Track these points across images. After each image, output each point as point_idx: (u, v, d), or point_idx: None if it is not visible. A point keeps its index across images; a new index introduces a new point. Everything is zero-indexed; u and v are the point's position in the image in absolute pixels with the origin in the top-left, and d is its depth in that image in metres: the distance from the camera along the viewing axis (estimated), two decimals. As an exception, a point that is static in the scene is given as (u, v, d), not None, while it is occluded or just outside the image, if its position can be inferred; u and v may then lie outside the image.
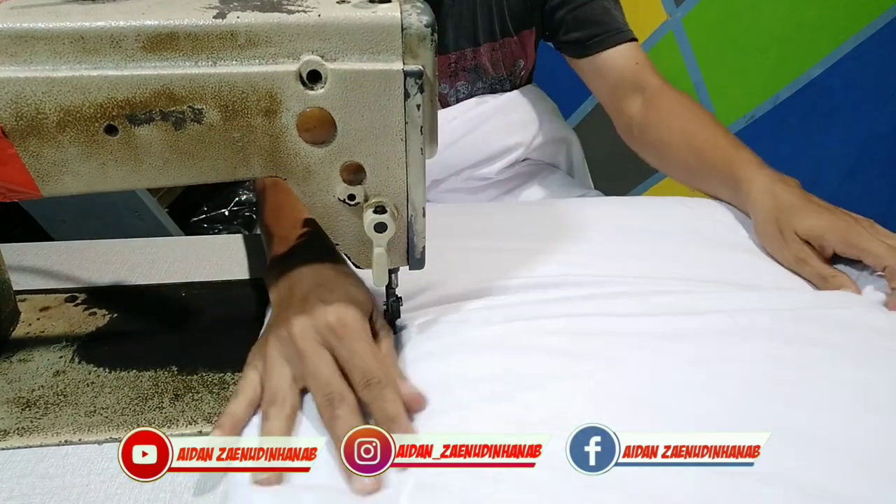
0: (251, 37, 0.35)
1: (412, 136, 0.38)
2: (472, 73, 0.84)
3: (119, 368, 0.48)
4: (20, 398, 0.45)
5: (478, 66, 0.84)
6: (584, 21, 0.80)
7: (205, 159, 0.37)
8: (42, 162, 0.35)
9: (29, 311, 0.54)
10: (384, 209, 0.39)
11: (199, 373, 0.48)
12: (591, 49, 0.80)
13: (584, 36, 0.80)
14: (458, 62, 0.83)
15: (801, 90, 1.57)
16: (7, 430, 0.43)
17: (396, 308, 0.48)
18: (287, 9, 0.35)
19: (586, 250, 0.60)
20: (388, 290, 0.47)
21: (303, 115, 0.36)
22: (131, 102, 0.35)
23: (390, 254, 0.42)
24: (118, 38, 0.34)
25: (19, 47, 0.33)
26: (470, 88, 0.85)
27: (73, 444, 0.43)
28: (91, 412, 0.44)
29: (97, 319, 0.54)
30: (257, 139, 0.37)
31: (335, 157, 0.38)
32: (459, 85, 0.85)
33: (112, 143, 0.36)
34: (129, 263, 0.62)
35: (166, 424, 0.44)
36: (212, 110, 0.36)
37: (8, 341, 0.51)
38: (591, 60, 0.81)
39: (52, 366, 0.48)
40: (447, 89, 0.84)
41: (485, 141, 0.85)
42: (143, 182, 0.37)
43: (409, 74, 0.36)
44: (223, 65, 0.35)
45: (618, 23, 0.80)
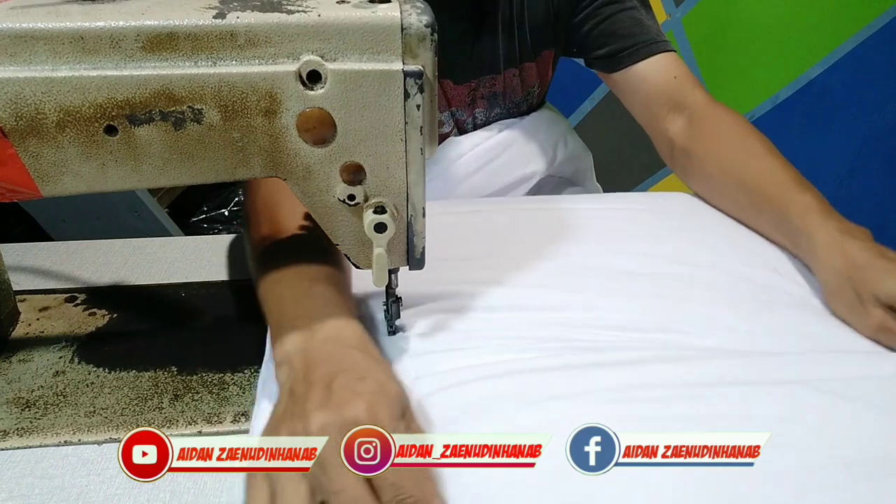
0: (251, 37, 0.34)
1: (412, 137, 0.38)
2: (489, 100, 0.81)
3: (119, 369, 0.48)
4: (20, 398, 0.45)
5: (495, 92, 0.81)
6: (613, 34, 0.74)
7: (204, 159, 0.37)
8: (42, 162, 0.35)
9: (29, 312, 0.54)
10: (384, 209, 0.39)
11: (198, 373, 0.48)
12: (621, 63, 0.74)
13: (614, 50, 0.74)
14: (476, 89, 0.80)
15: (801, 90, 1.57)
16: (7, 431, 0.43)
17: (396, 309, 0.48)
18: (287, 9, 0.35)
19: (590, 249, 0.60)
20: (388, 291, 0.47)
21: (303, 115, 0.36)
22: (131, 102, 0.35)
23: (390, 254, 0.42)
24: (118, 38, 0.33)
25: (19, 47, 0.33)
26: (487, 114, 0.82)
27: (73, 445, 0.43)
28: (91, 412, 0.44)
29: (97, 319, 0.54)
30: (257, 139, 0.37)
31: (335, 158, 0.38)
32: (477, 111, 0.82)
33: (112, 144, 0.36)
34: (129, 263, 0.62)
35: (166, 424, 0.44)
36: (211, 110, 0.36)
37: (7, 341, 0.51)
38: (623, 75, 0.75)
39: (51, 366, 0.48)
40: (465, 116, 0.81)
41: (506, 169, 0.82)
42: (142, 182, 0.37)
43: (408, 75, 0.36)
44: (223, 65, 0.35)
45: (650, 33, 0.74)
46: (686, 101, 0.71)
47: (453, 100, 0.80)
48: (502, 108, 0.83)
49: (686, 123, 0.71)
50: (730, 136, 0.67)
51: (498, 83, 0.80)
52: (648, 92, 0.74)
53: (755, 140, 0.65)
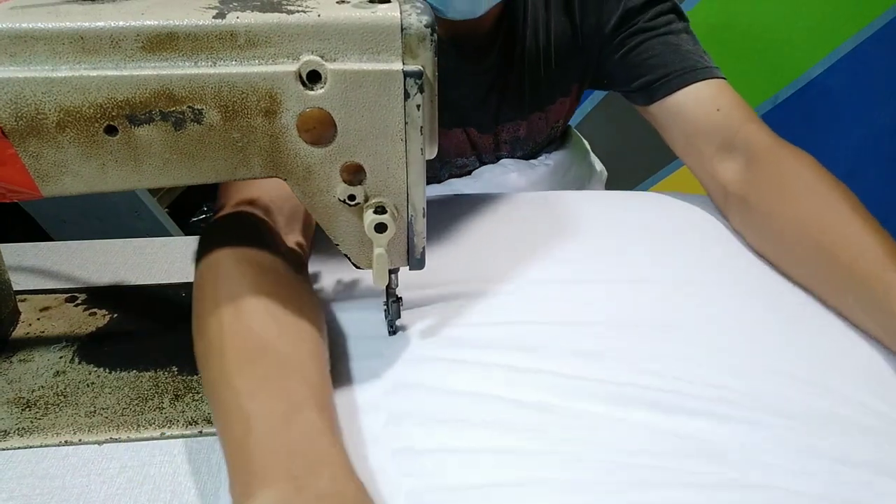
0: (251, 37, 0.34)
1: (412, 137, 0.38)
2: (512, 144, 0.79)
3: (119, 369, 0.48)
4: (20, 398, 0.45)
5: (519, 137, 0.78)
6: (643, 64, 0.66)
7: (205, 160, 0.37)
8: (42, 162, 0.35)
9: (29, 312, 0.54)
10: (384, 209, 0.39)
11: (199, 373, 0.48)
12: (656, 94, 0.66)
13: (648, 81, 0.66)
14: (500, 135, 0.77)
15: (801, 90, 1.57)
16: (7, 431, 0.43)
17: (396, 309, 0.48)
18: (287, 9, 0.35)
19: (589, 248, 0.60)
20: (389, 291, 0.47)
21: (303, 115, 0.36)
22: (131, 103, 0.35)
23: (390, 254, 0.42)
24: (118, 38, 0.33)
25: (19, 47, 0.33)
26: (512, 156, 0.81)
27: (74, 445, 0.43)
28: (91, 412, 0.44)
29: (97, 319, 0.54)
30: (257, 139, 0.37)
31: (335, 158, 0.38)
32: (501, 154, 0.80)
33: (112, 144, 0.36)
34: (129, 263, 0.62)
35: (166, 425, 0.44)
36: (212, 110, 0.36)
37: (8, 341, 0.51)
38: (660, 107, 0.66)
39: (52, 366, 0.48)
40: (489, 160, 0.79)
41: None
42: (142, 182, 0.37)
43: (408, 75, 0.36)
44: (223, 65, 0.35)
45: (688, 60, 0.65)
46: (737, 139, 0.61)
47: (478, 146, 0.78)
48: (525, 150, 0.81)
49: (743, 168, 0.60)
50: (804, 186, 0.55)
51: (522, 129, 0.77)
52: (688, 127, 0.64)
53: (834, 192, 0.54)
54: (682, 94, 0.64)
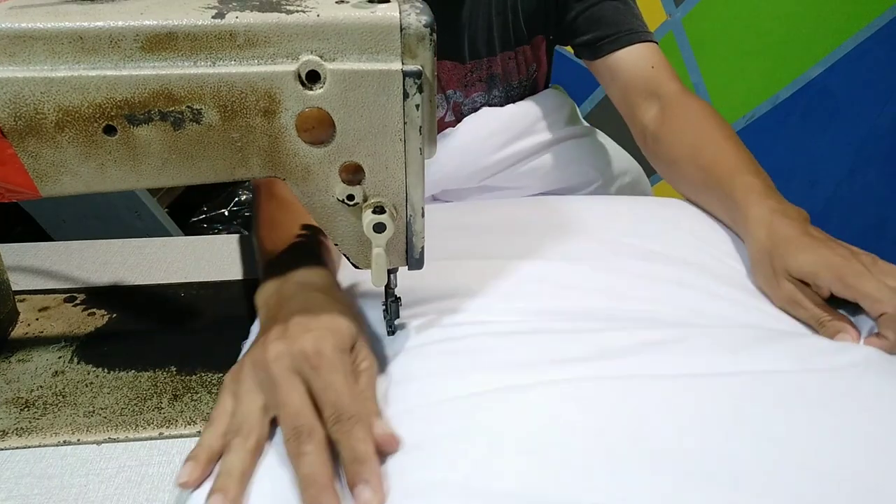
0: (250, 37, 0.34)
1: (411, 137, 0.38)
2: (487, 82, 0.83)
3: (118, 369, 0.48)
4: (19, 398, 0.45)
5: (492, 75, 0.82)
6: (596, 21, 0.78)
7: (204, 159, 0.37)
8: (41, 162, 0.35)
9: (28, 312, 0.54)
10: (383, 209, 0.39)
11: (197, 373, 0.48)
12: (602, 50, 0.78)
13: (596, 37, 0.78)
14: (473, 71, 0.81)
15: (801, 90, 1.57)
16: (6, 431, 0.43)
17: (395, 308, 0.48)
18: (286, 9, 0.35)
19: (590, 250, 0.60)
20: (388, 291, 0.47)
21: (302, 115, 0.36)
22: (130, 102, 0.35)
23: (389, 254, 0.42)
24: (117, 38, 0.33)
25: (18, 47, 0.33)
26: (486, 97, 0.84)
27: (72, 445, 0.43)
28: (90, 412, 0.44)
29: (96, 320, 0.54)
30: (256, 139, 0.37)
31: (334, 158, 0.38)
32: (476, 95, 0.83)
33: (111, 144, 0.36)
34: (129, 263, 0.62)
35: (165, 425, 0.44)
36: (211, 110, 0.36)
37: (7, 341, 0.51)
38: (604, 62, 0.78)
39: (50, 366, 0.48)
40: (462, 98, 0.83)
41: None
42: (142, 182, 0.37)
43: (407, 74, 0.36)
44: (222, 65, 0.35)
45: (631, 23, 0.77)
46: (660, 91, 0.74)
47: (448, 82, 0.81)
48: (500, 90, 0.84)
49: (658, 111, 0.74)
50: (696, 120, 0.70)
51: (495, 65, 0.81)
52: (626, 80, 0.77)
53: (717, 126, 0.69)
54: (626, 51, 0.76)
